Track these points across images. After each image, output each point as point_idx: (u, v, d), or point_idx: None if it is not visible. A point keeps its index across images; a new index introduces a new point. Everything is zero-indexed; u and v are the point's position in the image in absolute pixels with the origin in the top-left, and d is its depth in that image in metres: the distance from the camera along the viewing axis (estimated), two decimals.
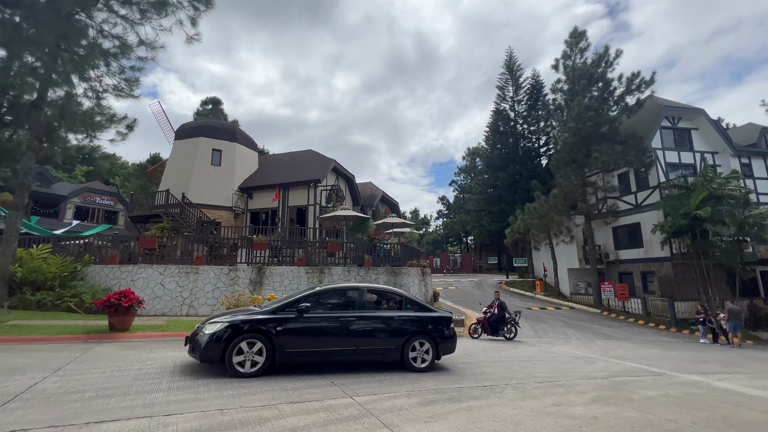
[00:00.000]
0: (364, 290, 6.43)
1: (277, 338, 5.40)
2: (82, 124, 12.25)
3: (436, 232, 56.01)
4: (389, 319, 6.24)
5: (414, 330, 6.25)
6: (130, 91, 13.21)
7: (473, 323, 11.85)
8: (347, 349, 5.84)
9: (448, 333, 6.53)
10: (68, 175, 47.74)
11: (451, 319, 6.72)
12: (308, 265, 14.14)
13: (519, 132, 31.21)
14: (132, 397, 4.08)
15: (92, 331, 8.06)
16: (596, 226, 24.56)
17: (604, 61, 21.24)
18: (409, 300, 6.70)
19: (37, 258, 10.56)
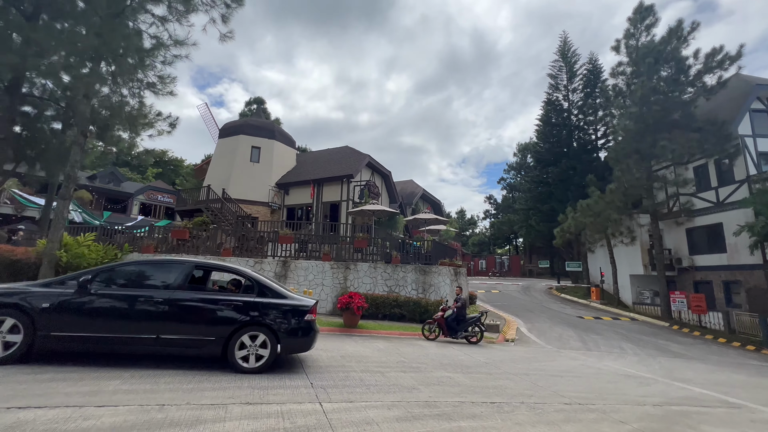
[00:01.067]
0: (190, 266, 5.22)
1: (40, 317, 4.39)
2: (127, 121, 13.07)
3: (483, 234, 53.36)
4: (211, 302, 4.96)
5: (247, 319, 4.94)
6: (165, 89, 13.86)
7: (428, 322, 10.28)
8: (144, 337, 4.65)
9: (298, 325, 5.12)
10: (141, 176, 53.15)
11: (309, 308, 5.27)
12: (333, 260, 13.78)
13: (573, 123, 28.31)
14: None
15: None
16: (666, 227, 21.44)
17: (676, 37, 18.42)
18: (256, 282, 5.33)
19: (83, 245, 11.34)
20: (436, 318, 10.08)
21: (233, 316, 4.94)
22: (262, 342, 4.93)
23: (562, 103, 29.58)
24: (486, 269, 39.69)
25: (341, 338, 8.95)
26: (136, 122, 13.05)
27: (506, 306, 20.09)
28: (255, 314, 5.00)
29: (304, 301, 5.39)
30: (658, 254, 18.75)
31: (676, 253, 21.05)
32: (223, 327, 4.88)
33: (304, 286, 12.96)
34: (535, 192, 29.02)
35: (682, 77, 17.76)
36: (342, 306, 10.04)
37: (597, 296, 22.51)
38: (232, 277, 5.91)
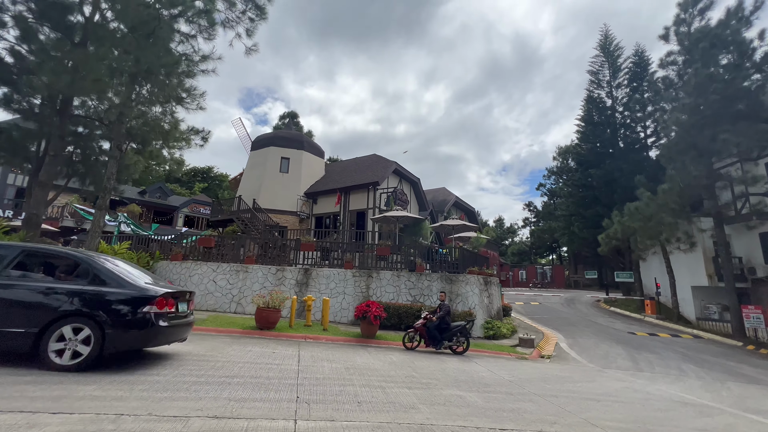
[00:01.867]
0: (15, 250, 4.77)
1: None
2: (160, 135, 13.80)
3: (523, 243, 50.61)
4: (20, 289, 4.43)
5: (70, 309, 4.38)
6: (193, 104, 14.49)
7: (410, 331, 9.30)
8: None
9: (131, 318, 4.51)
10: (189, 191, 56.90)
11: (149, 299, 4.65)
12: (356, 268, 13.44)
13: (618, 121, 26.02)
14: None
15: None
16: (733, 232, 18.88)
17: (736, 18, 16.44)
18: (92, 268, 4.76)
19: (118, 253, 11.93)
20: (416, 326, 9.16)
21: (55, 304, 4.40)
22: (86, 337, 4.37)
23: (605, 101, 27.43)
24: (526, 280, 37.42)
25: (355, 349, 8.49)
26: (168, 136, 13.73)
27: (545, 319, 18.57)
28: (79, 304, 4.45)
29: (145, 291, 4.74)
30: (726, 263, 16.43)
31: (747, 261, 18.44)
32: (36, 317, 4.32)
33: (325, 294, 12.71)
34: (577, 196, 26.94)
35: (745, 62, 15.72)
36: (359, 315, 9.62)
37: (652, 310, 20.18)
38: (59, 263, 5.12)
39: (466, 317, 12.23)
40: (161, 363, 5.14)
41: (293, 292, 12.55)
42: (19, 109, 13.39)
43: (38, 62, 11.33)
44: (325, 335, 9.55)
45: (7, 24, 12.29)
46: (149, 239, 14.53)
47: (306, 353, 7.19)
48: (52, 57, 11.16)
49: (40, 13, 12.29)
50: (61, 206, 26.52)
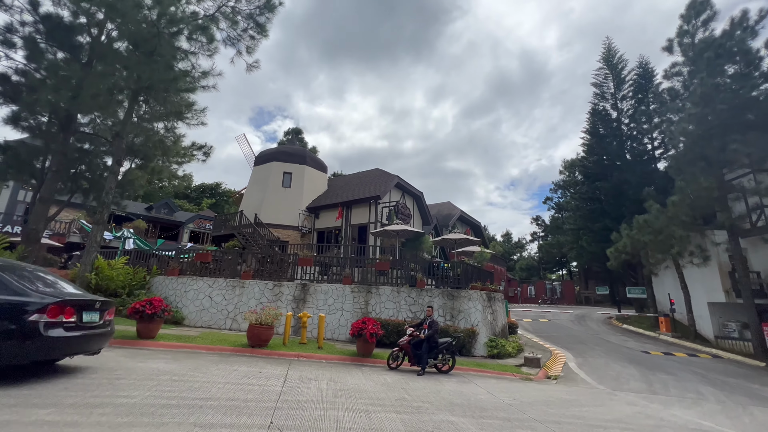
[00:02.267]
0: None
1: None
2: (161, 150, 13.91)
3: (531, 257, 49.61)
4: None
5: None
6: (194, 120, 14.64)
7: (395, 350, 8.64)
8: None
9: (13, 327, 4.11)
10: (198, 207, 57.56)
11: (35, 307, 4.26)
12: (355, 283, 13.12)
13: (624, 133, 25.65)
14: None
15: (122, 337, 8.27)
16: (749, 246, 18.17)
17: (741, 28, 16.25)
18: None
19: (115, 268, 11.84)
20: (401, 344, 8.55)
21: None
22: None
23: (610, 113, 27.15)
24: (535, 296, 36.43)
25: (348, 368, 8.11)
26: (169, 152, 13.83)
27: (554, 337, 17.86)
28: None
29: (32, 298, 4.36)
30: (743, 278, 15.68)
31: (767, 276, 17.62)
32: None
33: (323, 311, 12.37)
34: (584, 210, 26.37)
35: (753, 71, 15.42)
36: (354, 332, 9.25)
37: (667, 328, 19.31)
38: None
39: (468, 335, 11.76)
40: (136, 383, 4.88)
41: (290, 308, 12.25)
42: (27, 126, 13.68)
43: (41, 79, 11.58)
44: (320, 353, 9.19)
45: (16, 44, 12.69)
46: (149, 254, 14.45)
47: (295, 373, 6.85)
48: (56, 75, 11.40)
49: (48, 34, 12.66)
50: (68, 222, 26.91)
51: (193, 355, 7.74)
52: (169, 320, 11.07)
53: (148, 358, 6.73)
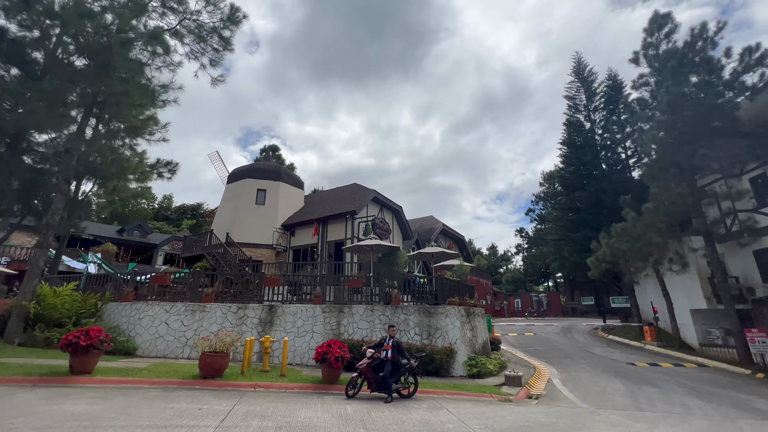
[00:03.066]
0: None
1: None
2: (117, 168, 13.15)
3: (517, 270, 49.40)
4: None
5: None
6: (153, 136, 13.99)
7: (353, 375, 7.78)
8: None
9: None
10: (177, 228, 55.84)
11: None
12: (327, 302, 12.40)
13: (599, 143, 26.11)
14: None
15: (52, 373, 7.35)
16: (727, 251, 18.23)
17: (701, 39, 16.72)
18: None
19: (61, 295, 10.86)
20: (360, 367, 7.67)
21: None
22: None
23: (584, 124, 27.69)
24: (522, 309, 35.98)
25: (308, 398, 7.35)
26: (126, 171, 13.09)
27: (539, 351, 17.30)
28: None
29: None
30: (722, 283, 15.56)
31: (746, 281, 17.61)
32: None
33: (291, 333, 11.58)
34: (564, 220, 26.42)
35: (714, 79, 15.77)
36: (318, 357, 8.51)
37: (652, 337, 18.99)
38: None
39: (445, 354, 11.11)
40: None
41: (255, 332, 11.42)
42: None
43: None
44: (281, 382, 8.39)
45: None
46: (106, 279, 13.46)
47: (241, 408, 6.09)
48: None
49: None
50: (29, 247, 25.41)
51: (131, 391, 6.88)
52: (118, 351, 10.13)
53: (70, 399, 5.88)
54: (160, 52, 11.29)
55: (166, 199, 71.84)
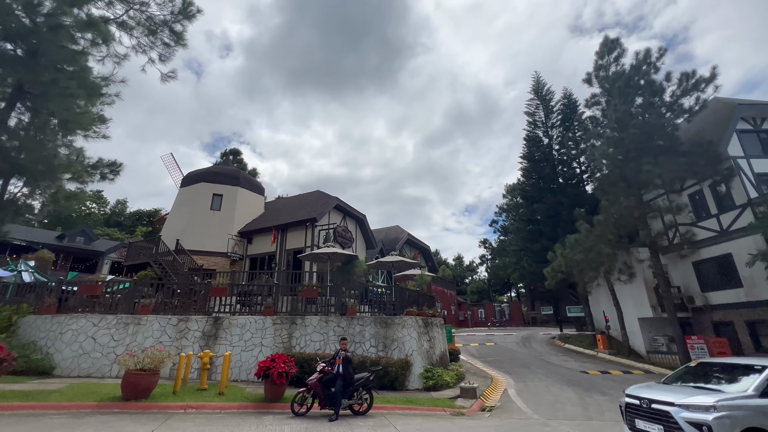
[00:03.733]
0: None
1: None
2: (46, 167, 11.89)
3: (482, 280, 50.34)
4: None
5: None
6: (97, 133, 12.89)
7: (302, 390, 7.35)
8: None
9: None
10: (130, 235, 52.18)
11: None
12: (279, 313, 11.73)
13: (556, 158, 27.38)
14: None
15: None
16: (670, 262, 19.34)
17: (645, 63, 17.96)
18: None
19: None
20: (310, 383, 7.22)
21: None
22: None
23: (543, 139, 28.97)
24: (485, 319, 36.46)
25: (244, 419, 6.71)
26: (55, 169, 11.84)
27: (498, 361, 17.36)
28: None
29: None
30: (665, 292, 16.42)
31: (686, 290, 18.70)
32: None
33: (238, 347, 10.79)
34: (524, 231, 27.26)
35: (657, 100, 16.92)
36: (260, 373, 7.88)
37: (604, 345, 19.66)
38: None
39: (401, 366, 10.76)
40: None
41: (197, 346, 10.53)
42: None
43: None
44: (217, 401, 7.66)
45: None
46: (29, 287, 12.03)
47: None
48: None
49: None
50: None
51: (30, 419, 5.95)
52: (32, 371, 8.94)
53: None
54: (98, 41, 10.40)
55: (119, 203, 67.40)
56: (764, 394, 5.19)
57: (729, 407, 4.92)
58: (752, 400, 5.11)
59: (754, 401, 5.09)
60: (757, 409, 5.01)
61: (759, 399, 5.14)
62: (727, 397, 5.13)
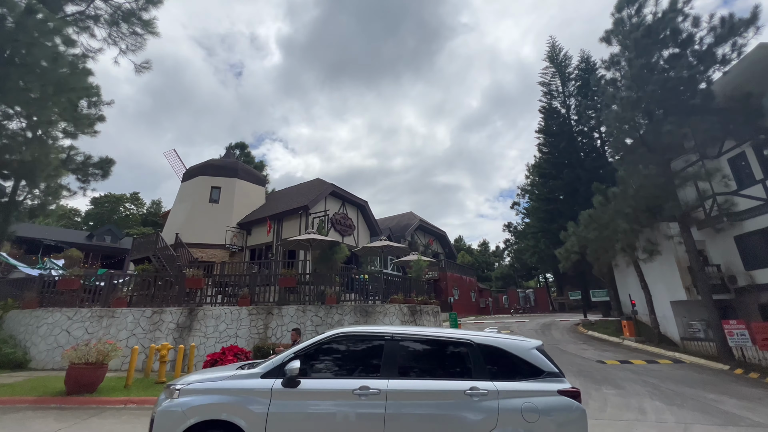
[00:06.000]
0: None
1: None
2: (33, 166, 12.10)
3: (505, 266, 48.08)
4: None
5: None
6: (88, 130, 12.97)
7: None
8: None
9: None
10: (139, 231, 54.91)
11: None
12: (254, 303, 11.32)
13: (574, 129, 24.95)
14: None
15: None
16: (707, 237, 17.06)
17: (672, 11, 15.60)
18: None
19: None
20: None
21: None
22: None
23: (560, 110, 26.53)
24: (509, 305, 34.78)
25: None
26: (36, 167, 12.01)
27: None
28: None
29: None
30: (699, 272, 14.38)
31: (728, 269, 16.41)
32: None
33: (213, 339, 10.51)
34: (542, 212, 25.23)
35: (686, 52, 14.62)
36: (206, 366, 7.42)
37: (631, 331, 17.80)
38: None
39: None
40: None
41: (171, 338, 10.34)
42: None
43: None
44: None
45: None
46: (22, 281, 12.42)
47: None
48: None
49: None
50: None
51: None
52: (6, 365, 9.08)
53: None
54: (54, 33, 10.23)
55: (154, 204, 71.16)
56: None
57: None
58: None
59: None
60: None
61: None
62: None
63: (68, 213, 61.04)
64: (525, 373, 3.61)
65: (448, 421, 3.24)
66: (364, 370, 3.54)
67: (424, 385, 3.41)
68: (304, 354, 3.58)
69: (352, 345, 3.75)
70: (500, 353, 3.68)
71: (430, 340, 3.77)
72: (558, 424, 3.29)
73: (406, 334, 3.80)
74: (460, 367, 3.60)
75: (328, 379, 3.47)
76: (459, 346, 3.70)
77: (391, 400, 3.26)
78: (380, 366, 3.51)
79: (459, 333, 3.85)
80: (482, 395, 3.35)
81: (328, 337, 3.72)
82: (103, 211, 65.20)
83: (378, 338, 3.71)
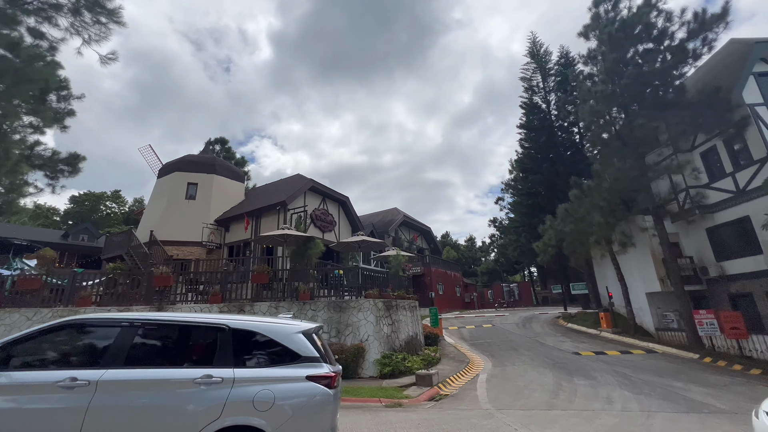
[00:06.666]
0: None
1: None
2: None
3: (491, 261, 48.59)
4: None
5: None
6: (48, 124, 12.45)
7: None
8: None
9: None
10: (120, 229, 53.75)
11: None
12: (226, 301, 11.09)
13: (553, 124, 25.21)
14: None
15: None
16: (681, 230, 17.40)
17: (646, 6, 15.78)
18: None
19: None
20: None
21: None
22: None
23: (541, 105, 26.76)
24: (493, 300, 35.11)
25: None
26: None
27: (487, 344, 16.26)
28: None
29: None
30: (672, 263, 14.68)
31: (700, 260, 16.78)
32: None
33: None
34: (523, 206, 25.48)
35: (657, 46, 14.82)
36: None
37: (608, 323, 18.11)
38: None
39: (354, 353, 9.92)
40: None
41: None
42: None
43: None
44: None
45: None
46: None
47: None
48: None
49: None
50: None
51: None
52: None
53: None
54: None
55: (137, 202, 69.59)
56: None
57: None
58: None
59: None
60: None
61: None
62: None
63: (45, 212, 59.27)
64: (283, 358, 3.38)
65: (165, 412, 3.00)
66: (85, 361, 3.28)
67: (147, 374, 3.13)
68: (11, 344, 3.26)
69: (81, 334, 3.48)
70: (257, 338, 3.46)
71: (175, 326, 3.51)
72: (293, 409, 3.09)
73: (149, 320, 3.55)
74: (205, 354, 3.37)
75: (32, 371, 3.13)
76: (210, 332, 3.45)
77: (102, 392, 2.99)
78: (105, 355, 3.24)
79: (215, 318, 3.54)
80: (215, 383, 3.11)
81: (53, 325, 3.41)
82: (82, 210, 63.46)
83: (114, 325, 3.44)
